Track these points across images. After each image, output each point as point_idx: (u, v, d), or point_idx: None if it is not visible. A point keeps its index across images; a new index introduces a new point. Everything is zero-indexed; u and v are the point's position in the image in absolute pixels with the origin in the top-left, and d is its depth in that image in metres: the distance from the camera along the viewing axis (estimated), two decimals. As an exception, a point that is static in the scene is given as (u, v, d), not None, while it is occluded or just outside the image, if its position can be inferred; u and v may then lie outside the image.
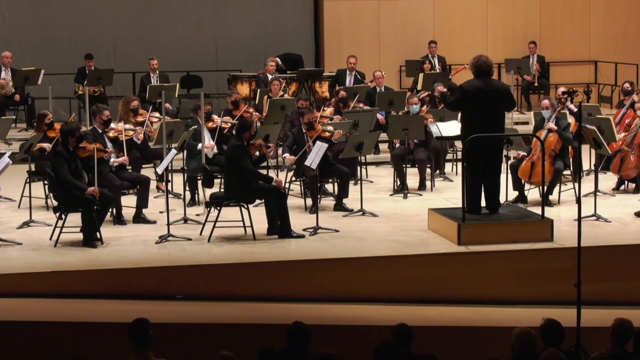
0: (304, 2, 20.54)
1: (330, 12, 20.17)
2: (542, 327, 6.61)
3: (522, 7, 20.71)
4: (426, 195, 13.46)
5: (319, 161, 11.17)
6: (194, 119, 13.13)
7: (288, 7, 20.42)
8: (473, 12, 20.51)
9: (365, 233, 11.23)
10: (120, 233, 11.29)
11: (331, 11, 20.18)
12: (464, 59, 15.91)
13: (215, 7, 20.20)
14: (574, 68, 20.87)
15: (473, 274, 10.18)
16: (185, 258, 10.26)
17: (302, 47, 20.01)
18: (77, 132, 10.82)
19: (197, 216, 11.95)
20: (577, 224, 8.33)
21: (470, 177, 10.78)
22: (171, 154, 11.18)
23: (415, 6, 20.34)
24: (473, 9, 20.53)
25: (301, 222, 11.51)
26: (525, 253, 10.33)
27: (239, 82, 17.96)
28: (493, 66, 11.01)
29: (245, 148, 11.02)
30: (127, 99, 13.75)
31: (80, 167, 10.81)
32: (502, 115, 10.90)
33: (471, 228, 10.48)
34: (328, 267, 10.10)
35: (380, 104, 15.74)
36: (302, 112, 12.80)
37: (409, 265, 10.19)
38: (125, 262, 10.09)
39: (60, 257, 10.28)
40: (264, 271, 10.02)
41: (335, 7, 20.16)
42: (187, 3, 20.11)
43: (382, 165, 15.75)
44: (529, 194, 12.59)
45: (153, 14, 19.99)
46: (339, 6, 20.16)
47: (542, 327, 6.61)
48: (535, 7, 20.73)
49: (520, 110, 19.10)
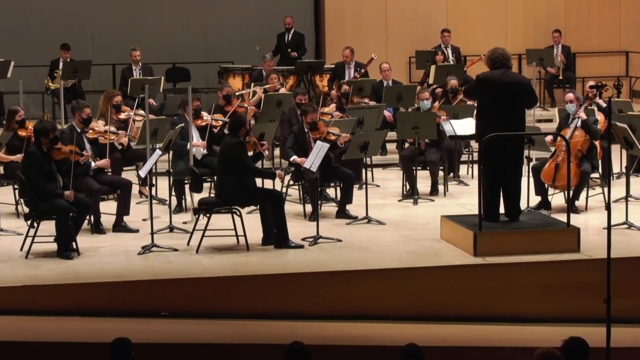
0: (303, -14, 20.59)
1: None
2: (564, 347, 6.61)
3: (546, -8, 20.74)
4: (439, 200, 13.46)
5: (319, 163, 11.17)
6: (180, 116, 13.14)
7: (286, -9, 20.46)
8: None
9: (371, 243, 11.23)
10: (99, 243, 11.29)
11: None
12: (480, 49, 15.90)
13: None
14: (603, 59, 20.88)
15: (491, 288, 10.17)
16: (171, 271, 10.26)
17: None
18: (52, 133, 10.81)
19: (184, 224, 11.96)
20: (607, 232, 8.32)
21: (487, 180, 10.78)
22: (155, 155, 11.18)
23: (427, -10, 20.38)
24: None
25: (300, 230, 11.51)
26: (548, 265, 10.32)
27: (230, 75, 17.98)
28: (511, 59, 11.03)
29: (244, 145, 11.08)
30: (109, 93, 13.76)
31: (54, 169, 10.81)
32: (522, 112, 10.90)
33: (488, 237, 10.49)
34: (330, 281, 10.11)
35: (387, 100, 15.75)
36: (305, 111, 12.77)
37: (420, 279, 10.19)
38: (104, 276, 10.09)
39: (32, 270, 10.27)
40: (258, 285, 10.02)
41: (337, -9, 20.20)
42: (174, -13, 20.14)
43: (389, 168, 15.75)
44: (553, 199, 12.58)
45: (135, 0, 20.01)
46: (341, -10, 20.20)
47: (563, 347, 6.61)
48: (559, -8, 20.76)
49: (543, 106, 19.11)
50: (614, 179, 13.86)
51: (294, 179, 12.80)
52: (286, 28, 19.22)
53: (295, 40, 19.20)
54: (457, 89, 15.21)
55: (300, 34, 19.30)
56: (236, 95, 15.08)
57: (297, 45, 19.15)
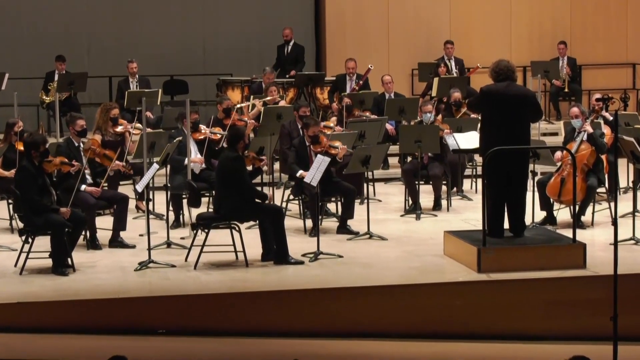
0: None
1: (333, 8, 20.23)
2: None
3: (551, 3, 20.76)
4: (442, 215, 13.48)
5: (320, 177, 11.18)
6: (178, 130, 13.16)
7: (285, 2, 20.48)
8: (494, 8, 20.56)
9: (373, 259, 11.24)
10: (95, 259, 11.29)
11: (334, 7, 20.24)
12: (484, 61, 15.94)
13: (204, 3, 20.26)
14: (610, 71, 20.91)
15: (495, 305, 10.17)
16: (168, 287, 10.27)
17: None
18: (42, 146, 10.81)
19: (181, 240, 11.96)
20: (614, 248, 8.34)
21: (491, 195, 10.79)
22: (152, 169, 11.20)
23: (430, 1, 20.40)
24: (494, 5, 20.58)
25: (300, 246, 11.52)
26: (554, 282, 10.32)
27: (229, 87, 18.00)
28: (516, 71, 11.04)
29: (243, 160, 11.09)
30: (107, 106, 13.77)
31: (48, 183, 10.84)
32: (527, 125, 10.93)
33: (493, 253, 10.49)
34: (330, 298, 10.10)
35: (389, 113, 15.78)
36: (306, 124, 12.76)
37: (423, 296, 10.19)
38: (100, 292, 10.09)
39: (27, 286, 10.28)
40: (257, 302, 10.01)
41: (338, 2, 20.22)
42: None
43: (391, 182, 15.77)
44: (559, 214, 12.60)
45: (132, 10, 20.05)
46: (342, 1, 20.22)
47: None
48: (565, 2, 20.77)
49: (549, 119, 19.14)
50: (620, 194, 13.88)
51: (294, 193, 12.80)
52: (285, 40, 19.25)
53: (294, 52, 19.22)
54: (461, 102, 15.24)
55: (300, 46, 19.32)
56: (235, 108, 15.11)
57: (296, 57, 19.16)
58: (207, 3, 20.24)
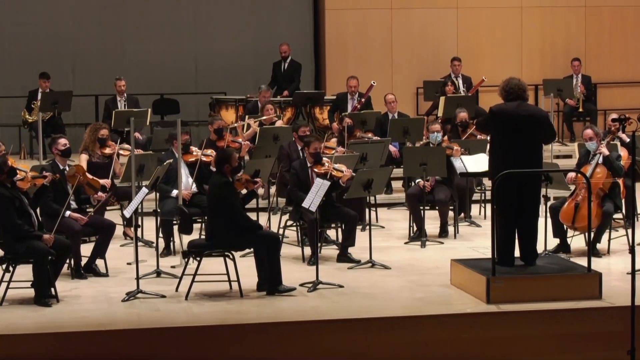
0: (302, 12, 20.64)
1: (333, 24, 20.30)
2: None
3: (564, 18, 20.84)
4: (448, 243, 13.49)
5: (319, 202, 11.19)
6: (168, 152, 13.19)
7: (282, 17, 20.53)
8: (504, 23, 20.64)
9: (375, 289, 11.25)
10: (80, 289, 11.30)
11: (334, 22, 20.31)
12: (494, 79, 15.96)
13: (195, 17, 20.31)
14: (626, 90, 20.97)
15: (505, 338, 10.18)
16: (158, 319, 10.26)
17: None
18: (5, 166, 10.73)
19: (172, 268, 11.96)
20: (631, 278, 8.35)
21: (501, 221, 10.81)
22: (141, 194, 11.21)
23: (436, 16, 20.48)
24: (504, 20, 20.66)
25: (298, 275, 11.53)
26: (567, 313, 10.33)
27: (223, 107, 18.05)
28: (527, 90, 11.07)
29: (231, 185, 11.06)
30: (96, 126, 13.83)
31: (26, 203, 10.84)
32: (539, 147, 10.95)
33: (502, 283, 10.50)
34: (330, 330, 10.10)
35: (393, 134, 15.81)
36: (307, 141, 12.74)
37: (428, 328, 10.19)
38: (85, 324, 10.09)
39: (7, 318, 10.26)
40: (252, 335, 10.01)
41: (339, 17, 20.29)
42: (161, 12, 20.18)
43: (395, 207, 15.79)
44: (573, 242, 12.61)
45: (120, 24, 20.12)
46: (343, 16, 20.29)
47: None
48: (579, 17, 20.85)
49: (562, 141, 19.18)
50: (638, 220, 13.88)
51: (292, 218, 12.81)
52: (282, 57, 19.30)
53: (291, 69, 19.27)
54: (467, 122, 15.26)
55: (297, 63, 19.37)
56: (228, 128, 15.14)
57: (292, 76, 19.19)
58: (200, 16, 20.28)
